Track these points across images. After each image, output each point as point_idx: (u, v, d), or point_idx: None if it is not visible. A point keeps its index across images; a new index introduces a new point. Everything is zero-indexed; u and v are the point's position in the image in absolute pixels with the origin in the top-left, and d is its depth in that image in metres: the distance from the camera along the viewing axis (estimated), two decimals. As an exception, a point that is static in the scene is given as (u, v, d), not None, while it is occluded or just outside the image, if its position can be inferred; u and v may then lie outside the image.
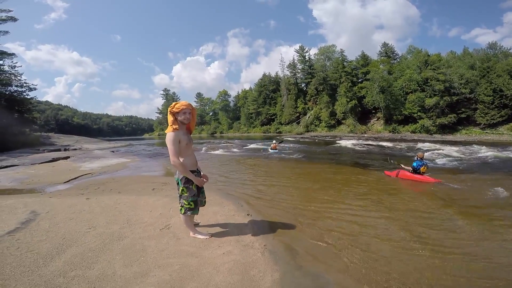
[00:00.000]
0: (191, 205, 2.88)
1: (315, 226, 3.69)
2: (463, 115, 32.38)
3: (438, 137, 29.99)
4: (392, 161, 8.58)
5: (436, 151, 13.36)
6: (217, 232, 3.26)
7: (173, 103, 2.80)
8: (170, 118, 2.76)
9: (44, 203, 4.61)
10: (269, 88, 62.79)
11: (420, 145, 17.46)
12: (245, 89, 75.65)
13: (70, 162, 11.54)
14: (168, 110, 2.78)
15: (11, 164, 10.58)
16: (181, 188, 2.83)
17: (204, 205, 3.16)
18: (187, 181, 2.82)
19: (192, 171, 2.86)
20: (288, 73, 59.11)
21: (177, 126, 2.73)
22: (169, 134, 2.68)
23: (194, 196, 2.88)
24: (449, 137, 29.17)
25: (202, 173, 3.06)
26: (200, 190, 2.97)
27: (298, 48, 57.00)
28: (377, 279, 2.39)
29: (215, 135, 68.84)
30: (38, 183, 7.12)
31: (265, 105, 62.58)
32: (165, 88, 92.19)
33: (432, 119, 32.92)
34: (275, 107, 60.23)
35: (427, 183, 6.45)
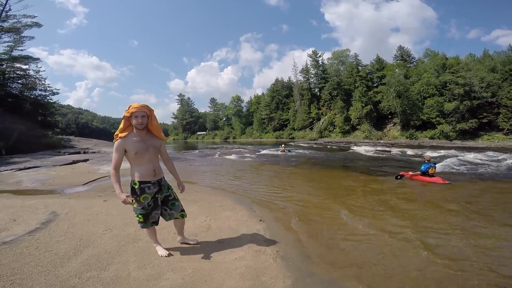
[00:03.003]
0: (139, 218, 2.58)
1: (328, 233, 3.62)
2: (484, 120, 30.94)
3: (458, 143, 28.76)
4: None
5: (455, 157, 12.85)
6: (230, 237, 3.25)
7: (129, 106, 2.52)
8: (122, 124, 2.53)
9: (63, 204, 4.77)
10: (281, 93, 62.60)
11: (443, 152, 16.82)
12: (257, 94, 76.02)
13: (89, 165, 11.92)
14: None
15: (34, 165, 11.05)
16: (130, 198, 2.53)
17: (180, 218, 2.83)
18: (133, 192, 2.54)
19: (146, 182, 2.55)
20: (301, 78, 58.75)
21: (124, 134, 2.48)
22: (115, 142, 2.50)
23: (143, 209, 2.55)
24: (470, 143, 27.94)
25: (177, 183, 2.89)
26: (159, 202, 2.65)
27: (311, 52, 56.62)
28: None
29: (228, 140, 69.31)
30: (58, 184, 7.40)
31: (277, 110, 62.37)
32: (180, 94, 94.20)
33: (452, 125, 31.66)
34: (288, 112, 59.94)
35: (436, 184, 6.81)
